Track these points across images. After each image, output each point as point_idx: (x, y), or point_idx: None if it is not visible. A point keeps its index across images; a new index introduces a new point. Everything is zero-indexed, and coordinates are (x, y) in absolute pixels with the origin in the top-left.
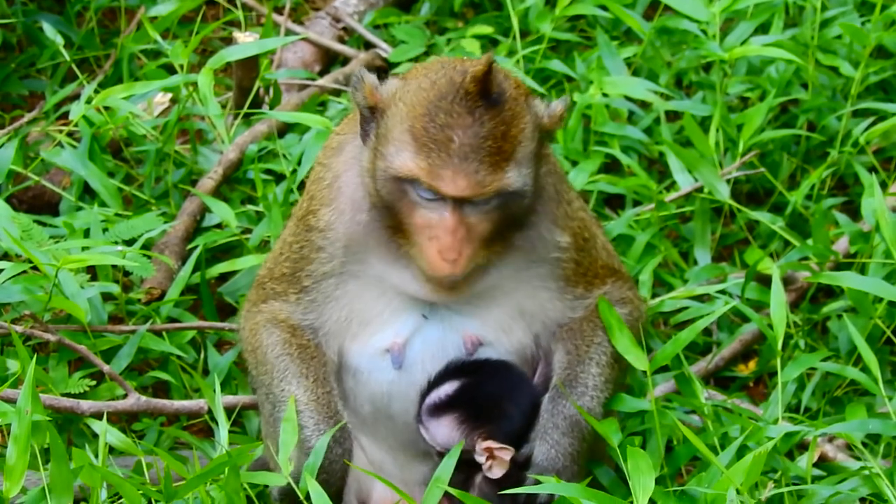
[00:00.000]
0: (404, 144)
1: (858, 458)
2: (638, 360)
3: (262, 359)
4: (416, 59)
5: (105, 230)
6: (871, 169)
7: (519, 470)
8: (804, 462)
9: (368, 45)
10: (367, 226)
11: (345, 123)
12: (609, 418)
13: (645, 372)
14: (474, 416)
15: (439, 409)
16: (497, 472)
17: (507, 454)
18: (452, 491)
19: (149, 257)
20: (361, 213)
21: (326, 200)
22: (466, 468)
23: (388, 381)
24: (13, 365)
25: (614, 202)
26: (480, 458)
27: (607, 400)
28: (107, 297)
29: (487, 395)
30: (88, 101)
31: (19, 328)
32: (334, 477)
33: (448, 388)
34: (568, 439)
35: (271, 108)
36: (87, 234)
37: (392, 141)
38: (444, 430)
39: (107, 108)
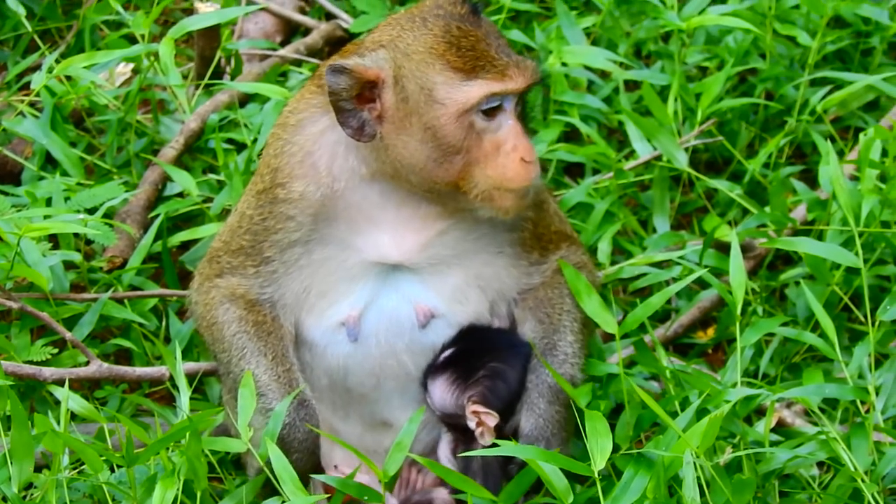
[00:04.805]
0: (451, 79)
1: (816, 424)
2: (607, 323)
3: (218, 336)
4: None
5: (67, 199)
6: (829, 137)
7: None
8: (762, 427)
9: (329, 16)
10: (341, 193)
11: (296, 101)
12: (587, 384)
13: (606, 336)
14: (464, 377)
15: (436, 370)
16: (486, 439)
17: (491, 420)
18: (417, 458)
19: (111, 226)
20: (339, 182)
21: (299, 174)
22: (465, 435)
23: (345, 354)
24: None
25: (574, 171)
26: (471, 424)
27: (583, 365)
28: (69, 265)
29: (479, 356)
30: (50, 71)
31: None
32: (305, 454)
33: (447, 351)
34: (554, 407)
35: (232, 78)
36: (49, 202)
37: (433, 88)
38: (438, 392)
39: (68, 78)
